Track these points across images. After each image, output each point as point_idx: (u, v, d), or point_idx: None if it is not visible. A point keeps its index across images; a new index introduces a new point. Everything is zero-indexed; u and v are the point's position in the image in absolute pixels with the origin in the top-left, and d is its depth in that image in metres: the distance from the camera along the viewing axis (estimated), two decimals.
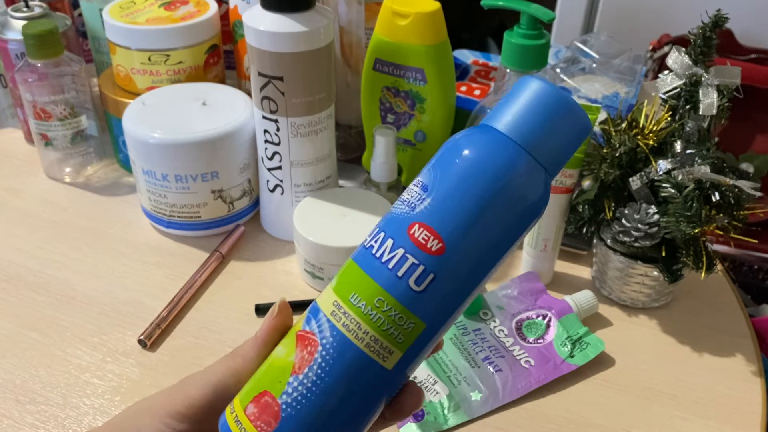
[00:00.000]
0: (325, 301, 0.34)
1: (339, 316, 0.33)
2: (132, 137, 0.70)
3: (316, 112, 0.67)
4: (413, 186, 0.34)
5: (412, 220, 0.32)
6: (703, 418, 0.58)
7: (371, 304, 0.32)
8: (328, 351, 0.32)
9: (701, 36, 0.62)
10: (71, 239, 0.75)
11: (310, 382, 0.32)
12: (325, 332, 0.33)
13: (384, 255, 0.32)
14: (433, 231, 0.32)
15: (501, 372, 0.60)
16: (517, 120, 0.33)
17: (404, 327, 0.32)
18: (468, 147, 0.33)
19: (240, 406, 0.34)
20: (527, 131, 0.32)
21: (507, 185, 0.32)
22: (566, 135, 0.33)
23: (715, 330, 0.66)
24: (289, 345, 0.34)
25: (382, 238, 0.33)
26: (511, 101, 0.33)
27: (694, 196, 0.59)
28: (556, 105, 0.33)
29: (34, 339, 0.64)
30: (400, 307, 0.32)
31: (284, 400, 0.33)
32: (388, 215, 0.34)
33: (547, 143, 0.33)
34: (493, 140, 0.33)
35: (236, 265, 0.72)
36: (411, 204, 0.33)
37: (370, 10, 0.77)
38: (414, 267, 0.32)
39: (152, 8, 0.80)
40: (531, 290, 0.68)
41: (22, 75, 0.77)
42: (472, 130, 0.34)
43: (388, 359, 0.33)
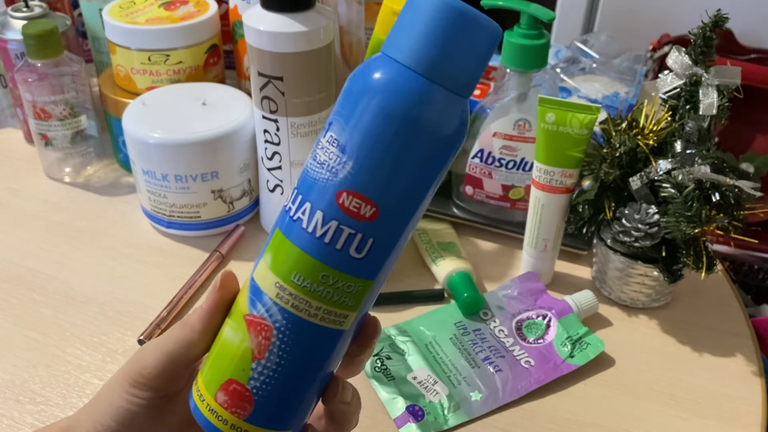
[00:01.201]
0: (265, 282, 0.32)
1: (285, 297, 0.32)
2: (132, 137, 0.70)
3: (316, 112, 0.67)
4: (327, 143, 0.31)
5: (338, 188, 0.30)
6: (703, 418, 0.58)
7: (316, 281, 0.31)
8: (283, 333, 0.32)
9: (701, 36, 0.62)
10: (71, 239, 0.75)
11: (274, 364, 0.32)
12: (276, 315, 0.32)
13: (317, 229, 0.31)
14: (363, 197, 0.30)
15: (501, 372, 0.60)
16: (419, 48, 0.29)
17: (353, 292, 0.32)
18: (375, 91, 0.30)
19: (209, 395, 0.34)
20: (431, 60, 0.29)
21: (425, 126, 0.30)
22: (474, 51, 0.30)
23: (715, 330, 0.66)
24: (240, 330, 0.33)
25: (310, 210, 0.31)
26: (409, 23, 0.30)
27: (694, 196, 0.59)
28: (456, 20, 0.29)
29: (34, 339, 0.64)
30: (346, 276, 0.31)
31: (253, 384, 0.33)
32: (306, 178, 0.32)
33: (455, 66, 0.30)
34: (399, 79, 0.29)
35: (236, 265, 0.72)
36: (331, 168, 0.30)
37: (370, 10, 0.77)
38: (352, 237, 0.31)
39: (152, 8, 0.80)
40: (531, 290, 0.68)
41: (22, 75, 0.77)
42: (372, 67, 0.30)
43: (344, 323, 0.33)
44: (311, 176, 0.31)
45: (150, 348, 0.38)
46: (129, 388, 0.37)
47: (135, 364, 0.37)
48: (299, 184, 0.32)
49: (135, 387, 0.37)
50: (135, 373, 0.37)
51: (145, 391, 0.37)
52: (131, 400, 0.37)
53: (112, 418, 0.37)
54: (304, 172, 0.32)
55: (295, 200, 0.32)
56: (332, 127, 0.31)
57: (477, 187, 0.75)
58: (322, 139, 0.32)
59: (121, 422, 0.37)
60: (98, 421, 0.37)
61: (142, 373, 0.37)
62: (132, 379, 0.37)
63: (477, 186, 0.75)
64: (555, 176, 0.64)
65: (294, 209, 0.32)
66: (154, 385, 0.37)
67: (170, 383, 0.37)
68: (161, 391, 0.37)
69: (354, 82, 0.31)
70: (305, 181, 0.32)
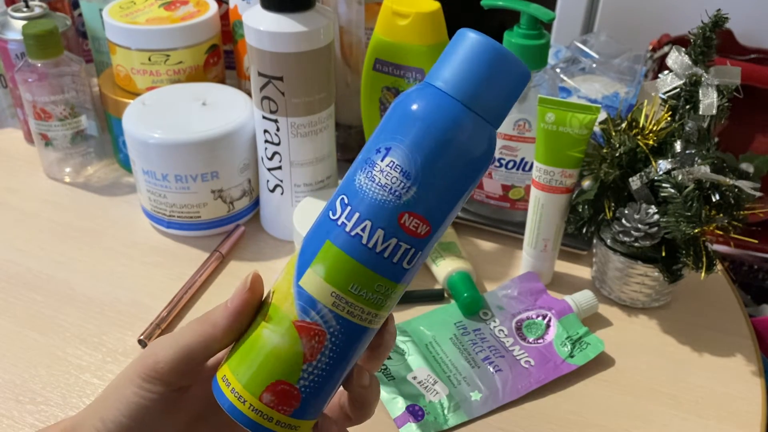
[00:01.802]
0: (319, 292, 0.35)
1: (342, 306, 0.35)
2: (132, 137, 0.70)
3: (316, 112, 0.67)
4: (388, 168, 0.34)
5: (400, 209, 0.34)
6: (703, 418, 0.58)
7: (372, 290, 0.35)
8: (337, 336, 0.35)
9: (701, 36, 0.62)
10: (71, 239, 0.75)
11: (323, 364, 0.35)
12: (331, 321, 0.35)
13: (377, 245, 0.34)
14: (422, 219, 0.34)
15: (501, 372, 0.60)
16: (470, 82, 0.34)
17: (394, 296, 0.36)
18: (431, 118, 0.34)
19: (251, 396, 0.35)
20: (472, 90, 0.34)
21: (471, 153, 0.34)
22: (507, 87, 0.35)
23: (715, 330, 0.66)
24: (289, 335, 0.35)
25: (371, 228, 0.34)
26: (458, 60, 0.34)
27: (694, 196, 0.59)
28: (498, 59, 0.34)
29: (34, 339, 0.64)
30: (394, 284, 0.35)
31: (302, 384, 0.36)
32: (363, 197, 0.34)
33: (491, 101, 0.34)
34: (448, 106, 0.34)
35: (236, 265, 0.72)
36: (394, 191, 0.34)
37: (370, 10, 0.77)
38: (407, 252, 0.35)
39: (152, 8, 0.80)
40: (531, 290, 0.68)
41: (22, 75, 0.77)
42: (421, 95, 0.34)
43: (378, 322, 0.37)
44: (369, 195, 0.34)
45: (164, 342, 0.38)
46: (141, 383, 0.37)
47: (148, 359, 0.37)
48: (352, 200, 0.35)
49: (147, 381, 0.37)
50: (148, 367, 0.37)
51: (157, 385, 0.37)
52: (143, 395, 0.37)
53: (123, 414, 0.37)
54: (357, 189, 0.35)
55: (350, 216, 0.34)
56: (392, 153, 0.34)
57: (477, 187, 0.75)
58: (379, 161, 0.34)
59: (132, 417, 0.37)
60: (108, 417, 0.37)
61: (155, 368, 0.37)
62: (144, 374, 0.37)
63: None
64: (555, 176, 0.65)
65: (350, 225, 0.34)
66: (167, 379, 0.37)
67: (183, 378, 0.38)
68: (173, 385, 0.37)
69: (405, 108, 0.34)
70: (360, 198, 0.34)
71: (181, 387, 0.38)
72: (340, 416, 0.40)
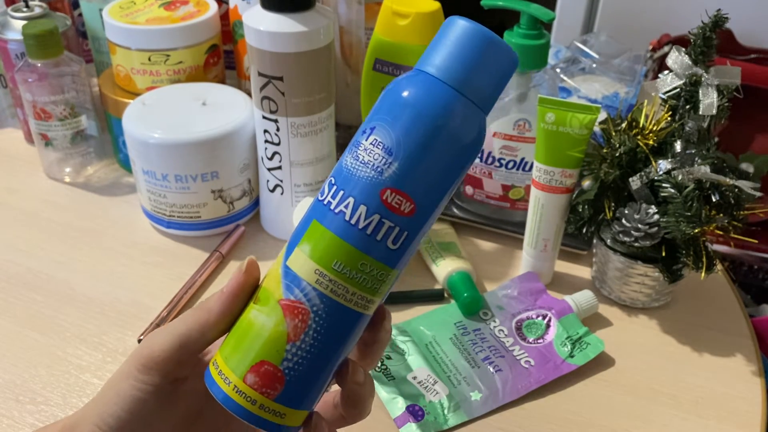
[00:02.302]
0: (303, 269, 0.35)
1: (325, 283, 0.35)
2: (132, 137, 0.70)
3: (316, 112, 0.67)
4: (371, 146, 0.34)
5: (382, 185, 0.34)
6: (703, 418, 0.58)
7: (355, 269, 0.35)
8: (320, 316, 0.35)
9: (701, 36, 0.62)
10: (71, 239, 0.75)
11: (307, 345, 0.35)
12: (314, 300, 0.35)
13: (360, 221, 0.34)
14: (404, 195, 0.34)
15: (501, 372, 0.60)
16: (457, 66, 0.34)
17: (383, 279, 0.36)
18: (418, 102, 0.34)
19: (236, 377, 0.35)
20: (465, 77, 0.34)
21: (456, 133, 0.34)
22: (497, 72, 0.35)
23: (715, 330, 0.66)
24: (274, 314, 0.35)
25: (353, 204, 0.34)
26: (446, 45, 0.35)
27: (694, 196, 0.59)
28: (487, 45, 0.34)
29: (34, 339, 0.64)
30: (381, 265, 0.35)
31: (285, 365, 0.35)
32: (348, 174, 0.35)
33: (482, 84, 0.35)
34: (439, 93, 0.34)
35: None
36: (375, 167, 0.34)
37: (370, 10, 0.77)
38: (391, 229, 0.34)
39: (152, 8, 0.80)
40: (531, 290, 0.68)
41: (22, 75, 0.77)
42: (413, 81, 0.35)
43: (369, 308, 0.36)
44: (353, 173, 0.35)
45: (160, 332, 0.38)
46: (138, 375, 0.37)
47: (144, 349, 0.37)
48: (338, 180, 0.35)
49: (144, 372, 0.37)
50: (144, 357, 0.37)
51: (154, 375, 0.37)
52: (140, 387, 0.37)
53: (121, 408, 0.37)
54: (343, 169, 0.35)
55: (335, 195, 0.35)
56: (375, 131, 0.34)
57: (477, 187, 0.75)
58: (363, 141, 0.35)
59: (130, 410, 0.37)
60: (106, 412, 0.37)
61: (151, 357, 0.37)
62: (141, 365, 0.37)
63: (477, 186, 0.75)
64: (555, 176, 0.65)
65: (335, 203, 0.35)
66: (164, 369, 0.37)
67: (180, 367, 0.38)
68: (171, 375, 0.37)
69: (395, 93, 0.35)
70: (345, 177, 0.35)
71: (177, 378, 0.38)
72: (334, 415, 0.39)
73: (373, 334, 0.38)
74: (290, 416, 0.36)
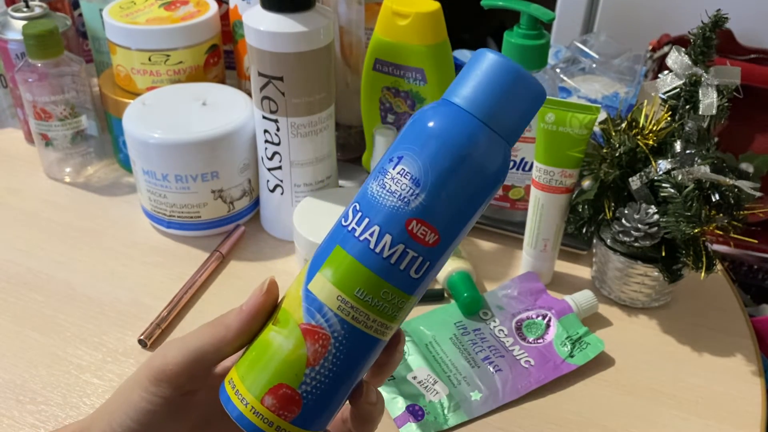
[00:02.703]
0: (325, 295, 0.35)
1: (347, 310, 0.35)
2: (132, 137, 0.70)
3: (316, 112, 0.67)
4: (398, 175, 0.34)
5: (408, 216, 0.34)
6: (703, 418, 0.58)
7: (378, 297, 0.35)
8: (340, 342, 0.35)
9: (701, 36, 0.62)
10: (71, 239, 0.75)
11: (326, 370, 0.35)
12: (335, 326, 0.35)
13: (384, 251, 0.34)
14: (430, 226, 0.34)
15: (501, 372, 0.60)
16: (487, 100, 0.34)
17: (403, 307, 0.36)
18: (448, 133, 0.34)
19: (253, 399, 0.35)
20: (496, 113, 0.34)
21: (484, 167, 0.34)
22: (524, 106, 0.35)
23: (715, 330, 0.66)
24: (294, 337, 0.35)
25: (378, 233, 0.34)
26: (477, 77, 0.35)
27: (694, 196, 0.59)
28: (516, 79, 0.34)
29: (34, 339, 0.64)
30: (402, 293, 0.35)
31: (304, 389, 0.35)
32: (374, 202, 0.35)
33: (510, 119, 0.35)
34: (466, 122, 0.34)
35: (236, 265, 0.72)
36: (403, 198, 0.34)
37: (370, 10, 0.77)
38: (414, 259, 0.35)
39: (152, 8, 0.80)
40: (531, 290, 0.68)
41: (22, 75, 0.77)
42: (441, 112, 0.35)
43: (387, 334, 0.36)
44: (379, 202, 0.35)
45: (173, 345, 0.37)
46: (149, 386, 0.37)
47: (157, 360, 0.37)
48: (363, 207, 0.35)
49: (155, 384, 0.37)
50: (156, 369, 0.37)
51: (165, 388, 0.37)
52: (151, 399, 0.37)
53: (131, 418, 0.37)
54: (368, 196, 0.35)
55: (360, 222, 0.35)
56: (403, 161, 0.35)
57: None
58: (391, 169, 0.35)
59: (140, 421, 0.37)
60: (115, 421, 0.37)
61: (164, 370, 0.37)
62: (153, 376, 0.37)
63: None
64: (555, 176, 0.65)
65: (360, 231, 0.35)
66: (176, 382, 0.37)
67: (192, 380, 0.37)
68: (182, 388, 0.37)
69: (422, 122, 0.35)
70: (371, 205, 0.35)
71: (188, 391, 0.38)
72: (343, 431, 0.39)
73: (387, 356, 0.38)
74: None
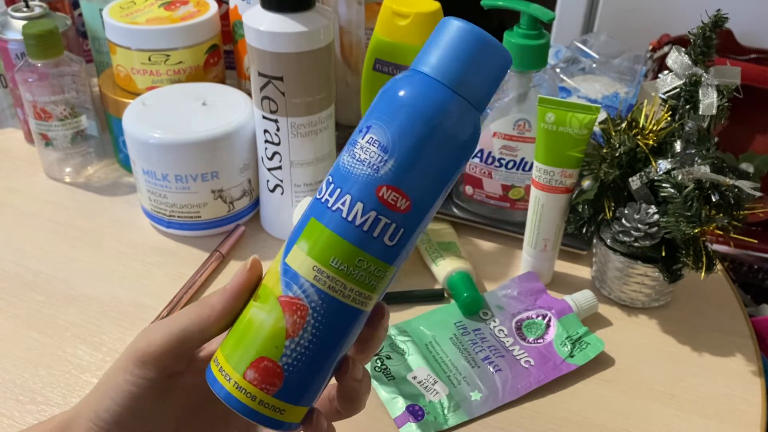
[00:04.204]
0: (302, 266, 0.35)
1: (323, 280, 0.35)
2: (132, 137, 0.70)
3: (316, 112, 0.67)
4: (367, 144, 0.35)
5: (378, 182, 0.34)
6: (703, 418, 0.58)
7: (353, 265, 0.35)
8: (318, 312, 0.35)
9: (701, 36, 0.62)
10: (71, 239, 0.75)
11: (305, 341, 0.35)
12: (312, 296, 0.35)
13: (356, 218, 0.35)
14: (400, 192, 0.35)
15: (501, 372, 0.60)
16: (450, 65, 0.35)
17: (380, 276, 0.36)
18: (414, 101, 0.35)
19: (236, 374, 0.36)
20: (459, 76, 0.35)
21: (452, 131, 0.35)
22: (491, 72, 0.36)
23: (715, 330, 0.66)
24: (273, 310, 0.36)
25: (350, 201, 0.35)
26: (440, 44, 0.35)
27: (694, 196, 0.59)
28: (480, 44, 0.35)
29: (34, 339, 0.64)
30: (378, 261, 0.35)
31: (284, 361, 0.35)
32: (345, 172, 0.35)
33: (475, 83, 0.35)
34: (434, 92, 0.35)
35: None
36: (372, 165, 0.34)
37: (370, 10, 0.77)
38: (387, 226, 0.35)
39: (152, 8, 0.80)
40: (531, 290, 0.68)
41: (22, 75, 0.77)
42: (408, 80, 0.36)
43: (368, 304, 0.37)
44: (350, 171, 0.35)
45: (157, 327, 0.38)
46: (133, 369, 0.37)
47: (140, 343, 0.37)
48: (335, 178, 0.36)
49: (139, 366, 0.37)
50: (140, 351, 0.37)
51: (150, 369, 0.37)
52: (135, 382, 0.37)
53: (116, 402, 0.37)
54: (340, 167, 0.36)
55: (332, 193, 0.35)
56: (372, 130, 0.35)
57: (477, 187, 0.75)
58: (360, 139, 0.35)
59: (125, 405, 0.37)
60: (101, 407, 0.37)
61: (147, 351, 0.37)
62: (136, 358, 0.37)
63: (477, 186, 0.75)
64: (555, 176, 0.65)
65: (332, 201, 0.35)
66: (160, 363, 0.37)
67: (176, 361, 0.37)
68: (167, 369, 0.37)
69: (392, 93, 0.36)
70: (343, 175, 0.35)
71: (173, 373, 0.38)
72: (330, 409, 0.40)
73: (371, 331, 0.38)
74: (290, 412, 0.36)
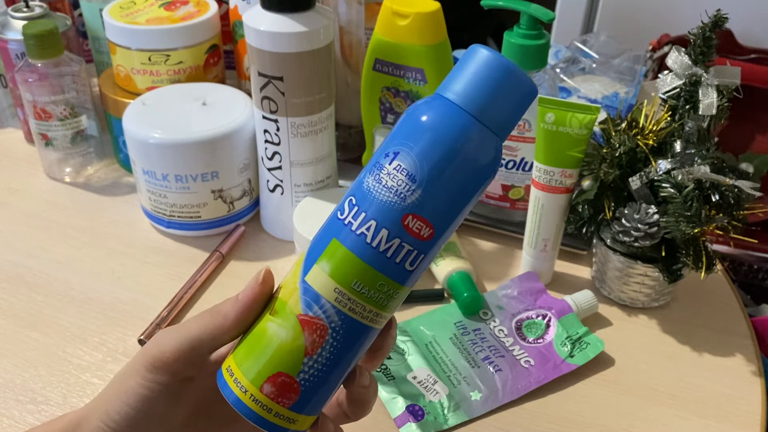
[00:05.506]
0: (323, 287, 0.36)
1: (344, 302, 0.36)
2: (132, 137, 0.70)
3: (316, 112, 0.67)
4: (395, 171, 0.35)
5: (405, 211, 0.35)
6: (703, 418, 0.58)
7: (374, 288, 0.36)
8: (337, 332, 0.36)
9: (701, 36, 0.62)
10: (71, 239, 0.75)
11: (323, 359, 0.37)
12: (333, 317, 0.36)
13: (381, 244, 0.35)
14: (425, 221, 0.35)
15: (501, 372, 0.60)
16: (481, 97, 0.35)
17: (396, 296, 0.37)
18: (439, 127, 0.35)
19: (253, 387, 0.37)
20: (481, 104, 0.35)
21: (478, 163, 0.35)
22: (515, 103, 0.36)
23: (715, 330, 0.66)
24: (292, 328, 0.36)
25: (375, 227, 0.35)
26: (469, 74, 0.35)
27: (693, 196, 0.59)
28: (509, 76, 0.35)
29: (34, 339, 0.64)
30: (397, 285, 0.36)
31: (302, 377, 0.37)
32: (370, 197, 0.36)
33: (498, 114, 0.36)
34: (458, 118, 0.35)
35: (236, 265, 0.72)
36: (399, 193, 0.35)
37: (370, 10, 0.77)
38: (409, 253, 0.36)
39: (152, 8, 0.80)
40: (531, 290, 0.68)
41: (22, 75, 0.77)
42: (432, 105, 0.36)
43: (381, 322, 0.38)
44: (375, 196, 0.36)
45: (169, 333, 0.38)
46: (145, 373, 0.37)
47: (153, 349, 0.38)
48: (359, 201, 0.36)
49: (151, 371, 0.37)
50: (153, 357, 0.37)
51: (162, 374, 0.37)
52: (147, 385, 0.38)
53: (128, 404, 0.38)
54: (364, 190, 0.36)
55: (356, 216, 0.36)
56: (399, 157, 0.35)
57: None
58: (387, 165, 0.36)
59: (136, 407, 0.38)
60: (112, 409, 0.38)
61: (160, 357, 0.37)
62: (149, 363, 0.37)
63: None
64: (555, 176, 0.65)
65: (356, 225, 0.36)
66: (173, 369, 0.37)
67: (188, 367, 0.38)
68: (178, 375, 0.38)
69: (416, 117, 0.36)
70: (368, 199, 0.36)
71: (185, 378, 0.39)
72: (338, 414, 0.40)
73: (380, 341, 0.39)
74: (301, 421, 0.37)
